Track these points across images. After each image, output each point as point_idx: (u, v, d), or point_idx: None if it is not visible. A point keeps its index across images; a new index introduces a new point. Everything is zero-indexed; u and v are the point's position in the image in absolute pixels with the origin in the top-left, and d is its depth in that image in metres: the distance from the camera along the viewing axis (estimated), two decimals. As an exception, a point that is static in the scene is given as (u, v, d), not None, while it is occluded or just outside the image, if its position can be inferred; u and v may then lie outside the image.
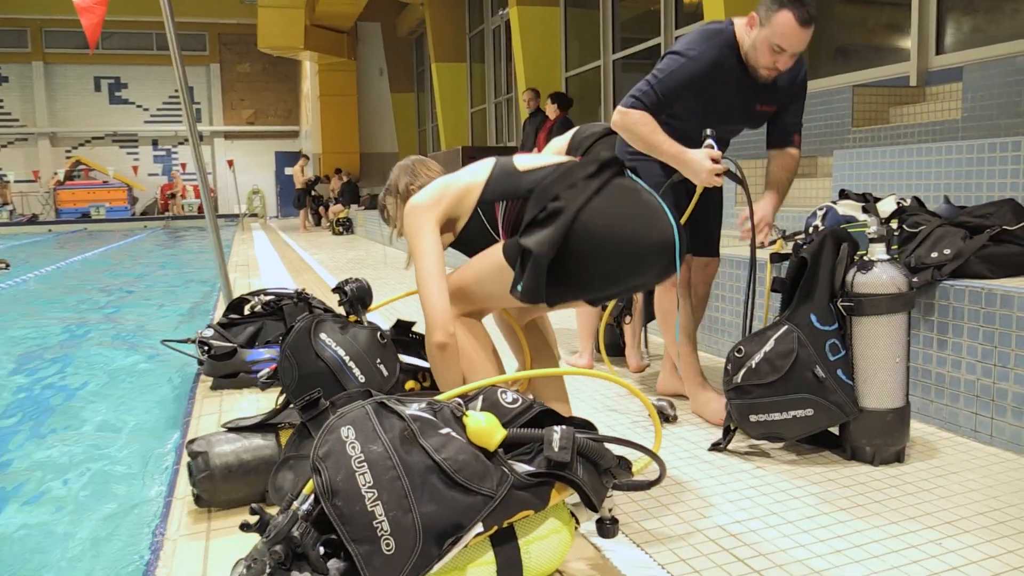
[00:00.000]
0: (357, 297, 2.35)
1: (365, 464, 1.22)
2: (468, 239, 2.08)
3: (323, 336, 2.17)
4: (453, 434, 1.28)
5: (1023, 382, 2.26)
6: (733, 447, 2.42)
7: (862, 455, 2.27)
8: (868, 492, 2.08)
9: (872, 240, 2.20)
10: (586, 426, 1.45)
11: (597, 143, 3.33)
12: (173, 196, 24.15)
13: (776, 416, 2.23)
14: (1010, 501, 1.99)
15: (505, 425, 1.39)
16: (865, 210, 3.09)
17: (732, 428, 2.39)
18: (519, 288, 1.78)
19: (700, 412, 2.74)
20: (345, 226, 14.63)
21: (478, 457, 1.27)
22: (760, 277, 3.16)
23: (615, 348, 3.63)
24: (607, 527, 1.53)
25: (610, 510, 1.54)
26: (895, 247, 2.65)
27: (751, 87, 2.51)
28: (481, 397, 1.42)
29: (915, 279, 2.49)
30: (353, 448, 1.24)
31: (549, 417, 1.45)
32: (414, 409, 1.31)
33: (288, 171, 25.24)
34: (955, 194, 3.35)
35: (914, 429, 2.50)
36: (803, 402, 2.21)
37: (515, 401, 1.43)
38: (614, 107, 10.33)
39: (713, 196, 2.75)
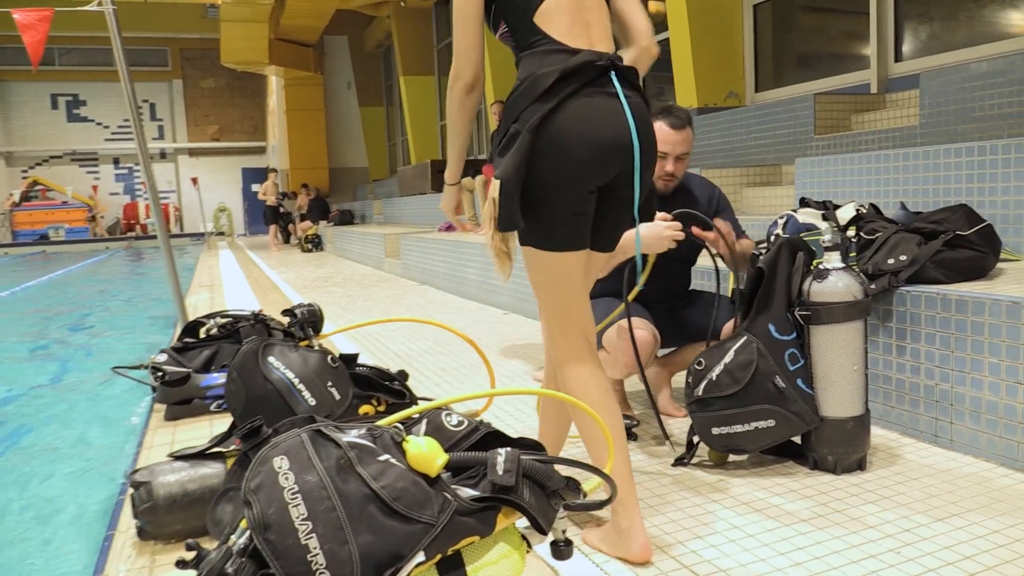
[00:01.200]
0: (308, 320, 2.31)
1: (299, 495, 1.19)
2: None
3: (271, 358, 2.14)
4: (392, 461, 1.25)
5: (980, 386, 2.28)
6: (697, 460, 2.41)
7: (824, 464, 2.27)
8: (830, 502, 2.07)
9: (827, 248, 2.21)
10: (534, 447, 1.43)
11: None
12: (131, 225, 23.84)
13: (738, 428, 2.23)
14: (968, 507, 2.00)
15: (450, 449, 1.37)
16: (825, 218, 3.10)
17: (696, 442, 2.38)
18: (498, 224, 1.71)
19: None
20: (314, 243, 14.54)
21: (418, 484, 1.24)
22: (724, 287, 3.17)
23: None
24: (561, 549, 1.51)
25: (564, 531, 1.52)
26: (853, 254, 2.66)
27: (668, 207, 2.60)
28: (425, 421, 1.40)
29: (872, 286, 2.51)
30: (286, 479, 1.21)
31: (496, 439, 1.43)
32: (352, 436, 1.28)
33: (256, 188, 25.13)
34: (912, 200, 3.39)
35: (875, 436, 2.51)
36: (764, 413, 2.21)
37: (460, 424, 1.40)
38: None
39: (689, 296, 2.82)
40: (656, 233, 2.36)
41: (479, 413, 2.50)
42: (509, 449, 1.31)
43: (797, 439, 2.34)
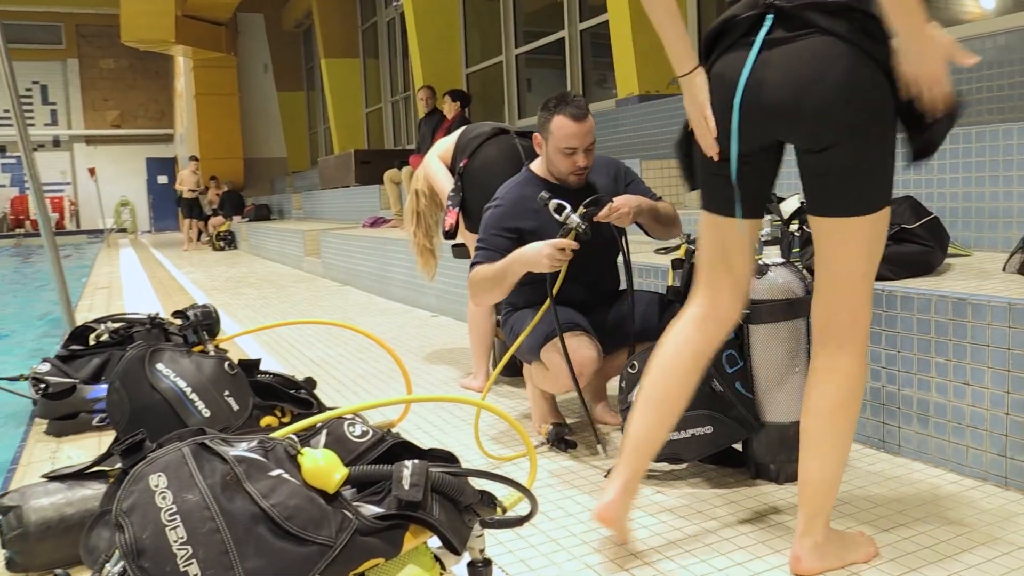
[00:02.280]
0: (202, 323, 2.25)
1: (177, 516, 1.14)
2: None
3: (160, 365, 2.07)
4: (286, 476, 1.22)
5: (927, 388, 2.34)
6: (632, 471, 2.42)
7: (766, 473, 2.30)
8: (771, 513, 2.10)
9: (765, 242, 2.24)
10: (446, 459, 1.41)
11: (486, 144, 3.32)
12: (19, 221, 22.97)
13: (674, 435, 2.24)
14: (916, 515, 2.05)
15: (352, 462, 1.34)
16: (767, 211, 3.16)
17: (630, 450, 2.38)
18: None
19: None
20: (227, 240, 14.26)
21: (314, 501, 1.21)
22: (652, 284, 3.20)
23: (511, 367, 3.61)
24: (479, 569, 1.50)
25: (482, 551, 1.50)
26: (796, 249, 2.71)
27: (576, 201, 2.61)
28: (325, 432, 1.36)
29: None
30: (163, 498, 1.16)
31: (405, 451, 1.40)
32: (241, 449, 1.24)
33: (162, 180, 24.51)
34: (861, 192, 3.47)
35: (821, 442, 2.56)
36: (701, 419, 2.22)
37: (364, 435, 1.37)
38: (519, 105, 10.37)
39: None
40: (535, 251, 2.41)
41: (395, 423, 2.47)
42: (417, 461, 1.28)
43: (738, 446, 2.37)
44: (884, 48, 1.53)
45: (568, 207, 2.42)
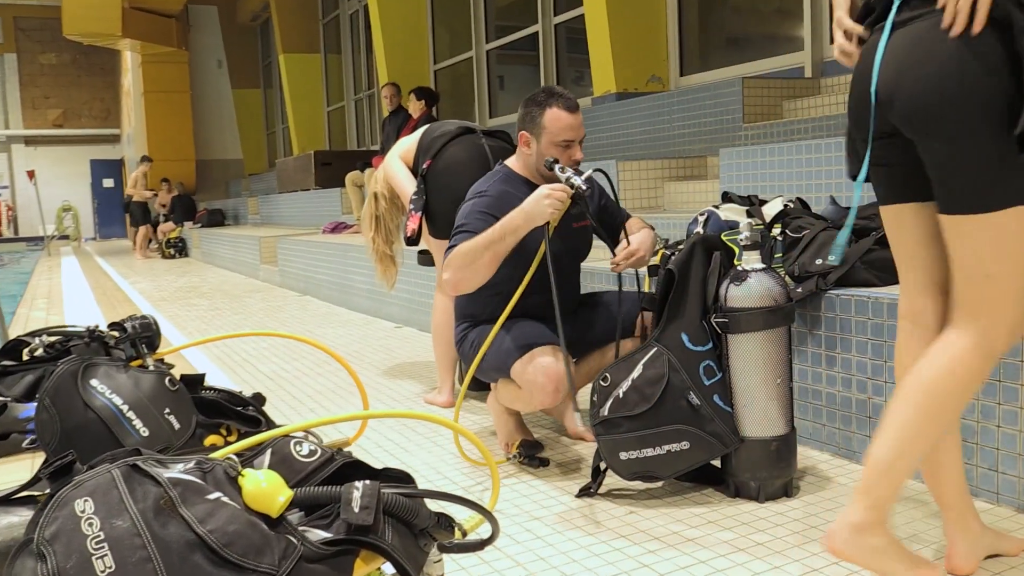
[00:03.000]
0: (140, 336, 2.22)
1: (105, 544, 1.12)
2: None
3: (94, 381, 2.03)
4: (225, 499, 1.20)
5: (914, 400, 2.36)
6: (606, 489, 2.41)
7: (746, 491, 2.31)
8: (752, 533, 2.11)
9: (745, 247, 2.25)
10: (401, 479, 1.39)
11: (451, 144, 3.31)
12: None
13: (649, 452, 2.24)
14: (903, 533, 2.06)
15: (299, 483, 1.32)
16: (749, 214, 3.18)
17: (602, 469, 2.39)
18: None
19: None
20: (178, 248, 14.14)
21: (256, 526, 1.19)
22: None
23: (478, 380, 3.59)
24: (438, 597, 1.48)
25: (440, 577, 1.49)
26: (779, 255, 2.73)
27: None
28: (270, 451, 1.34)
29: (799, 289, 2.57)
30: (90, 525, 1.14)
31: (357, 471, 1.38)
32: (176, 471, 1.22)
33: (109, 184, 24.26)
34: (844, 194, 3.51)
35: (804, 457, 2.57)
36: (678, 434, 2.23)
37: (312, 454, 1.35)
38: (490, 103, 10.36)
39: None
40: (532, 201, 2.41)
41: (351, 441, 2.45)
42: (368, 482, 1.27)
43: (716, 463, 2.37)
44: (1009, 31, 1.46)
45: (571, 171, 2.50)
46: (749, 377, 2.23)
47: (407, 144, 3.48)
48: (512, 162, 2.78)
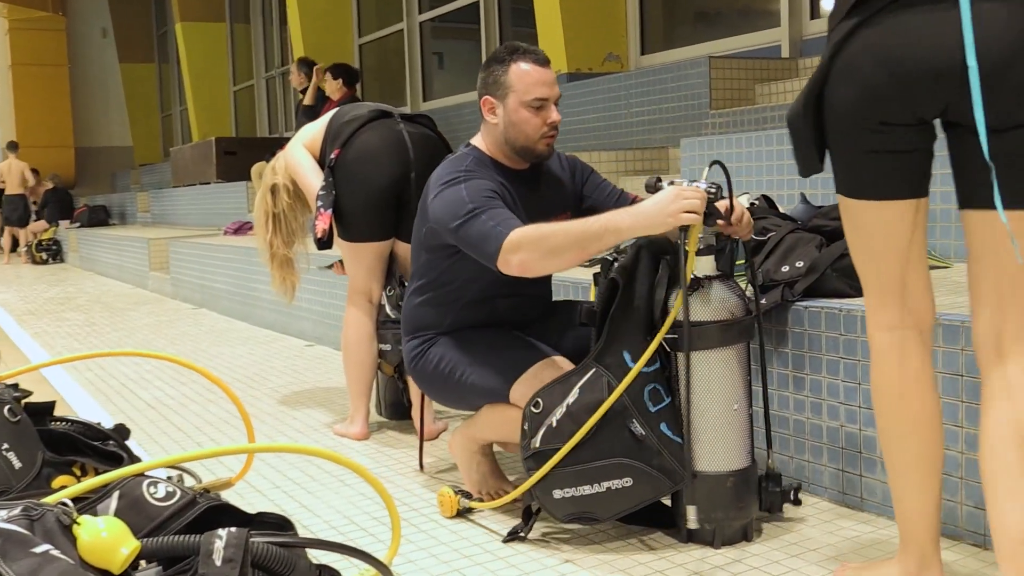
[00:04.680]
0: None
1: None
2: None
3: (-84, 412, 1.97)
4: (54, 552, 1.17)
5: (892, 428, 2.40)
6: (538, 532, 2.41)
7: (700, 535, 2.32)
8: (705, 584, 2.12)
9: (699, 252, 2.28)
10: (279, 525, 1.38)
11: (363, 130, 3.30)
12: None
13: (586, 490, 2.25)
14: (875, 583, 2.09)
15: (152, 531, 1.30)
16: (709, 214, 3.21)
17: (534, 510, 2.39)
18: None
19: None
20: (51, 251, 13.90)
21: (93, 583, 1.17)
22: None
23: (399, 408, 3.58)
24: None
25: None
26: (740, 261, 2.75)
27: (533, 194, 2.65)
28: (117, 494, 1.32)
29: (762, 300, 2.60)
30: None
31: (224, 516, 1.37)
32: (-1, 518, 1.19)
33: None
34: (823, 192, 3.56)
35: (769, 496, 2.60)
36: (619, 469, 2.24)
37: (169, 496, 1.33)
38: (424, 84, 10.40)
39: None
40: (656, 205, 2.24)
41: (233, 481, 2.42)
42: (233, 530, 1.25)
43: (666, 501, 2.39)
44: None
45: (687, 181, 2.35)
46: (702, 402, 2.25)
47: (313, 130, 3.46)
48: (478, 140, 2.70)
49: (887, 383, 1.88)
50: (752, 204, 3.11)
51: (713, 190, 2.29)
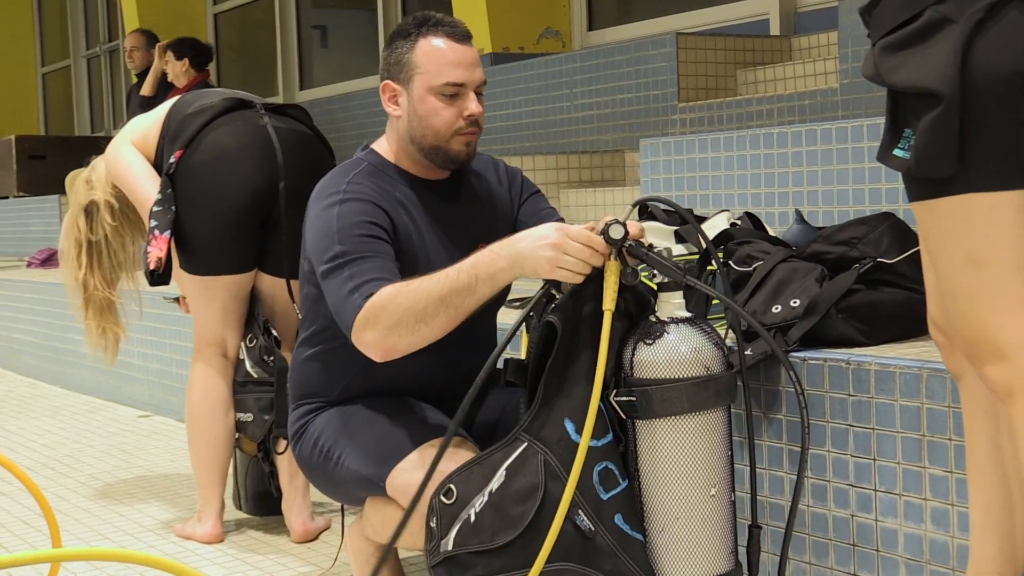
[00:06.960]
0: None
1: None
2: None
3: None
4: None
5: (918, 517, 2.41)
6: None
7: (667, 661, 2.31)
8: None
9: (660, 287, 2.27)
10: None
11: (213, 125, 3.28)
12: None
13: (523, 602, 2.23)
14: None
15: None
16: (680, 238, 3.22)
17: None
18: None
19: None
20: None
21: None
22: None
23: (265, 500, 3.54)
24: None
25: None
26: (715, 302, 2.76)
27: (451, 214, 2.68)
28: None
29: (747, 350, 2.60)
30: None
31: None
32: None
33: None
34: (823, 208, 3.59)
35: (758, 611, 2.60)
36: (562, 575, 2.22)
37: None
38: (301, 66, 10.41)
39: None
40: (534, 241, 2.28)
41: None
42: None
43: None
44: None
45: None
46: (668, 486, 2.24)
47: (146, 124, 3.44)
48: (380, 142, 2.73)
49: None
50: (733, 224, 3.15)
51: (618, 236, 2.28)
